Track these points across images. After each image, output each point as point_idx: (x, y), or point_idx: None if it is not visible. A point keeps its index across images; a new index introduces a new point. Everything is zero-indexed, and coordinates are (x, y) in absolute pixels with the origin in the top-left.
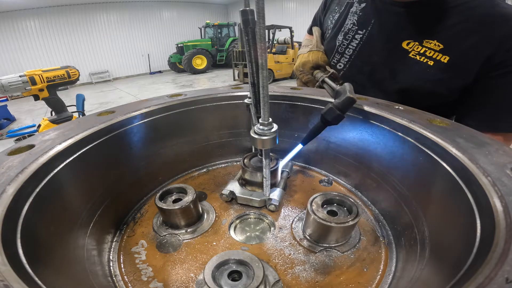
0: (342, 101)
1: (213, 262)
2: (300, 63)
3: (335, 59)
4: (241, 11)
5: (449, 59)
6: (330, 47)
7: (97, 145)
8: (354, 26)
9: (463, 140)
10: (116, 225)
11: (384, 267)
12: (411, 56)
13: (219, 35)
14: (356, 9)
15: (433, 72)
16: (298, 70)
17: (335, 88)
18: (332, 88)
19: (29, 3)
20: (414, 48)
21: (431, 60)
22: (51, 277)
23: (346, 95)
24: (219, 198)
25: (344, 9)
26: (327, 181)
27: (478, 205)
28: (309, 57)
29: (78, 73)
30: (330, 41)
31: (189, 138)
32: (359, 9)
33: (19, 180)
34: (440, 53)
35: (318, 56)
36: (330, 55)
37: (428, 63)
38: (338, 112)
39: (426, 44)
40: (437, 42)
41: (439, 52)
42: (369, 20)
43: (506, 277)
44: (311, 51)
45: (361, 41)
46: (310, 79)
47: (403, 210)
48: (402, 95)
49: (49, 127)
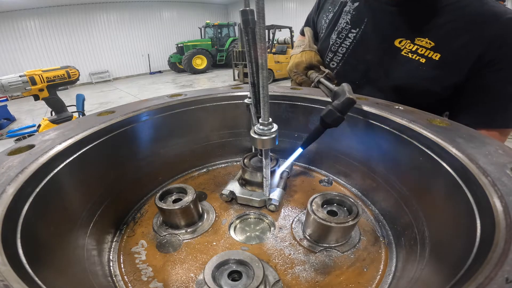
0: (341, 102)
1: (213, 262)
2: (294, 64)
3: (328, 57)
4: (241, 11)
5: (440, 57)
6: (324, 46)
7: (97, 145)
8: (347, 25)
9: (463, 140)
10: (116, 225)
11: (384, 267)
12: (403, 54)
13: (219, 35)
14: (349, 8)
15: (425, 69)
16: (292, 71)
17: (332, 88)
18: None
19: (29, 3)
20: (406, 46)
21: (423, 58)
22: (51, 277)
23: (345, 96)
24: (219, 198)
25: (337, 8)
26: (327, 181)
27: (478, 205)
28: (302, 57)
29: (78, 73)
30: (324, 40)
31: (189, 138)
32: (352, 8)
33: (19, 180)
34: (431, 50)
35: (311, 56)
36: (324, 54)
37: (420, 61)
38: (338, 114)
39: (418, 42)
40: (428, 40)
41: (431, 49)
42: (362, 19)
43: (506, 277)
44: (304, 51)
45: (354, 40)
46: (304, 79)
47: (403, 210)
48: (397, 93)
49: (49, 127)
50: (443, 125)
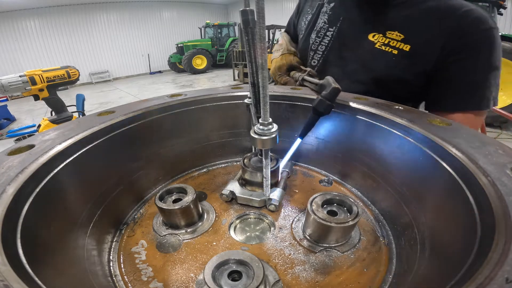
0: (329, 92)
1: (213, 262)
2: (276, 67)
3: (310, 56)
4: (241, 11)
5: (410, 48)
6: (305, 46)
7: (97, 145)
8: (325, 24)
9: (463, 140)
10: (116, 225)
11: (384, 267)
12: (377, 47)
13: (219, 35)
14: (326, 9)
15: (398, 60)
16: (276, 74)
17: (318, 82)
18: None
19: (29, 3)
20: (379, 40)
21: (395, 49)
22: (51, 277)
23: (331, 86)
24: (219, 198)
25: (315, 10)
26: (327, 181)
27: (478, 205)
28: (282, 60)
29: (78, 73)
30: (304, 40)
31: (189, 138)
32: (329, 9)
33: (19, 180)
34: (402, 42)
35: (290, 58)
36: (306, 53)
37: (393, 52)
38: (328, 102)
39: (389, 35)
40: (398, 33)
41: (401, 41)
42: (338, 18)
43: (506, 277)
44: (283, 54)
45: (332, 38)
46: (288, 79)
47: (403, 210)
48: (376, 84)
49: (49, 127)
50: (443, 125)
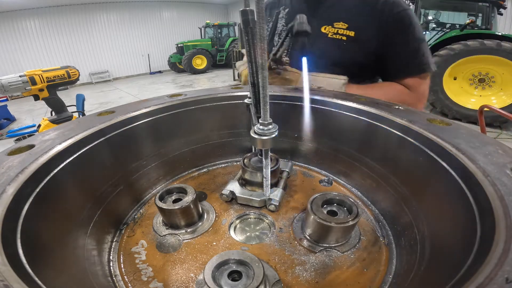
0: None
1: (213, 262)
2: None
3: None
4: (241, 11)
5: (355, 33)
6: (269, 48)
7: (97, 145)
8: (284, 27)
9: (463, 140)
10: (116, 225)
11: (384, 267)
12: (329, 36)
13: (219, 35)
14: (282, 15)
15: (348, 44)
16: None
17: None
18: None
19: (29, 3)
20: (330, 30)
21: (344, 36)
22: (51, 277)
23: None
24: (219, 198)
25: (274, 18)
26: (327, 181)
27: (478, 205)
28: None
29: (78, 73)
30: (269, 44)
31: (189, 138)
32: (285, 14)
33: (19, 180)
34: (347, 30)
35: None
36: None
37: (343, 39)
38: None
39: (336, 26)
40: (342, 23)
41: (346, 29)
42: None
43: (506, 277)
44: None
45: None
46: None
47: (403, 210)
48: (340, 67)
49: (49, 127)
50: (443, 125)
